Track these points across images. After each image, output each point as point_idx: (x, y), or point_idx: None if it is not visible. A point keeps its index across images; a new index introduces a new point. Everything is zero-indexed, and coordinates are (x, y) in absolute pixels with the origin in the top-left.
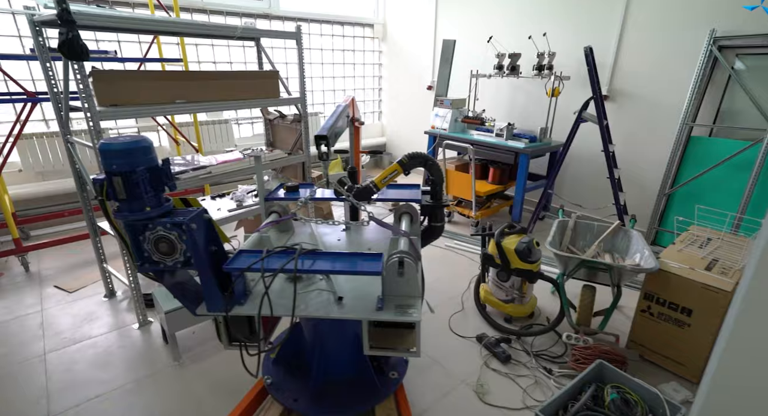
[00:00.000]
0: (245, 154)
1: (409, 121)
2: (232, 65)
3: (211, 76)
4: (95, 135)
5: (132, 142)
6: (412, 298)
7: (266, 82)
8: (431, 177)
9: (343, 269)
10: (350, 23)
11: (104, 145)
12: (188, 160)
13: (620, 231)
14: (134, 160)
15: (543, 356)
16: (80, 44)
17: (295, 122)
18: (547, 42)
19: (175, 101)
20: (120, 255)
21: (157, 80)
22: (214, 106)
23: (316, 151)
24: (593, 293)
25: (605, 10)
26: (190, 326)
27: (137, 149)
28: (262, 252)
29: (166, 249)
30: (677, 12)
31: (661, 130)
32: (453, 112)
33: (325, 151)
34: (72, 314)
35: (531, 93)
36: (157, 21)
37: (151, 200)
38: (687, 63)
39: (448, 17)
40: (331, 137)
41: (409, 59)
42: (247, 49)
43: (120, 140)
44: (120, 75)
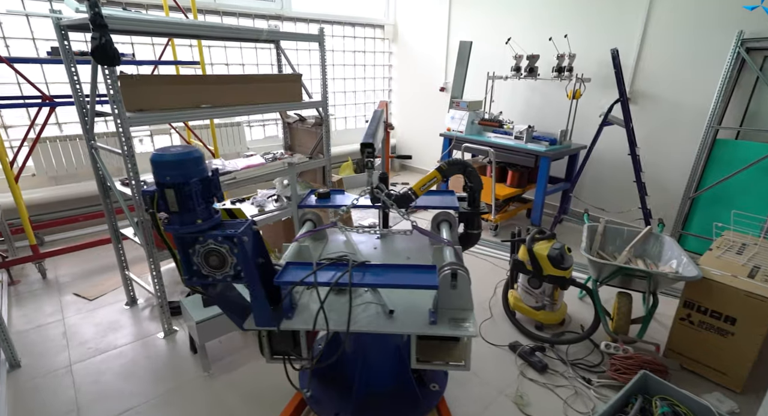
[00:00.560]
0: (267, 158)
1: (420, 122)
2: (244, 67)
3: (235, 80)
4: (125, 141)
5: (185, 153)
6: (465, 311)
7: (289, 86)
8: (469, 184)
9: (399, 283)
10: (361, 24)
11: (157, 156)
12: (212, 165)
13: (651, 237)
14: (187, 171)
15: (580, 365)
16: (113, 49)
17: (316, 126)
18: (568, 43)
19: (200, 106)
20: (140, 262)
21: (182, 84)
22: (238, 111)
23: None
24: (630, 300)
25: (626, 11)
26: (220, 336)
27: (190, 160)
28: (310, 264)
29: (216, 263)
30: (702, 13)
31: (684, 133)
32: (470, 114)
33: (370, 159)
34: (94, 323)
35: (548, 95)
36: (187, 25)
37: (202, 212)
38: (712, 65)
39: (462, 18)
40: (375, 144)
41: (420, 60)
42: (260, 50)
43: (172, 151)
44: (146, 79)
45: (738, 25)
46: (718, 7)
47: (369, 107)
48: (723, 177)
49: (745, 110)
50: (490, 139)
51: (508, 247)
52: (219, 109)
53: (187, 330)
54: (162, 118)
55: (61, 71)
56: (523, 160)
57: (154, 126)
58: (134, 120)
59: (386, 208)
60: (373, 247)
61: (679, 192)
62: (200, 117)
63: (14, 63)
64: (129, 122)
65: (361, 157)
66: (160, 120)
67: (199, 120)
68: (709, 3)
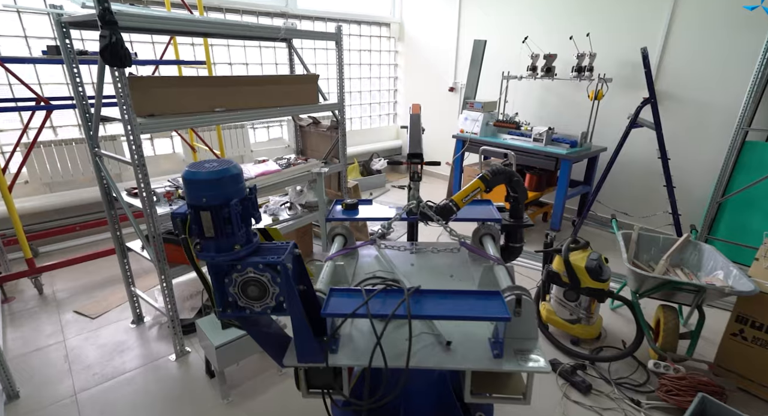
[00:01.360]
0: (281, 164)
1: (429, 123)
2: (248, 67)
3: (249, 81)
4: (135, 150)
5: (222, 170)
6: (530, 340)
7: (305, 87)
8: (513, 194)
9: (465, 314)
10: (366, 22)
11: (190, 174)
12: None
13: (689, 245)
14: (227, 190)
15: (625, 385)
16: (124, 48)
17: (331, 129)
18: (590, 42)
19: (214, 110)
20: (144, 274)
21: (196, 86)
22: (255, 114)
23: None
24: (677, 314)
25: (649, 9)
26: (240, 360)
27: (229, 178)
28: (356, 291)
29: (256, 294)
30: (729, 11)
31: (709, 134)
32: (484, 115)
33: (417, 170)
34: (99, 344)
35: (564, 95)
36: (204, 22)
37: (241, 237)
38: (740, 63)
39: (473, 16)
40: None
41: (428, 60)
42: (264, 49)
43: (207, 167)
44: (156, 81)
45: (766, 24)
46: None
47: (375, 108)
48: (753, 180)
49: None
50: (506, 141)
51: (532, 254)
52: (234, 113)
53: (203, 353)
54: (175, 124)
55: (55, 71)
56: (543, 163)
57: None
58: (146, 126)
59: (428, 222)
60: (409, 264)
61: (704, 195)
62: (215, 122)
63: (7, 63)
64: (140, 128)
65: (409, 169)
66: (173, 126)
67: (213, 125)
68: (734, 2)
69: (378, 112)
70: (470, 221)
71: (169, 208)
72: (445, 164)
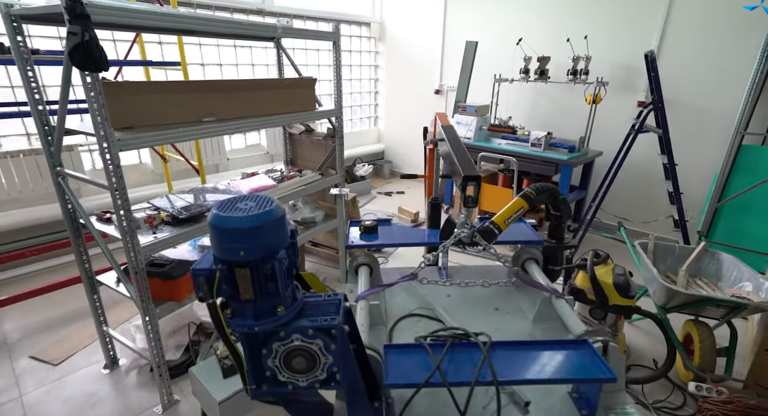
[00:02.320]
0: (274, 178)
1: (413, 127)
2: (222, 68)
3: (242, 86)
4: (113, 170)
5: (266, 214)
6: (618, 392)
7: (302, 93)
8: (555, 212)
9: (563, 376)
10: (346, 21)
11: (223, 220)
12: (215, 190)
13: (706, 254)
14: (271, 240)
15: (664, 409)
16: (99, 49)
17: (327, 138)
18: (587, 45)
19: (203, 119)
20: (115, 306)
21: (181, 93)
22: (249, 124)
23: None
24: (711, 331)
25: (643, 12)
26: (246, 413)
27: (274, 223)
28: (418, 347)
29: (303, 366)
30: (723, 15)
31: (704, 138)
32: (478, 119)
33: (471, 195)
34: (64, 398)
35: (556, 98)
36: (194, 19)
37: (287, 298)
38: (734, 68)
39: (459, 17)
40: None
41: (412, 61)
42: (239, 49)
43: (243, 209)
44: (136, 88)
45: (761, 27)
46: (738, 9)
47: (356, 111)
48: (749, 183)
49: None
50: (500, 146)
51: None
52: (226, 123)
53: (194, 401)
54: (158, 138)
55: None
56: (542, 168)
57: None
58: (125, 142)
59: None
60: (445, 295)
61: (700, 199)
62: (204, 134)
63: None
64: (119, 145)
65: (462, 194)
66: (157, 140)
67: (203, 138)
68: (730, 5)
69: (359, 114)
70: (509, 244)
71: (152, 237)
72: None
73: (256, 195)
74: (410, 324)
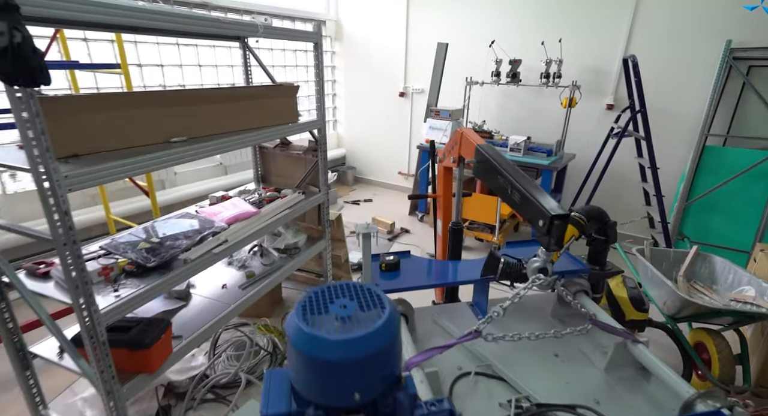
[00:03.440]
0: (250, 201)
1: (377, 130)
2: (163, 69)
3: (215, 98)
4: (60, 220)
5: (386, 326)
6: None
7: (284, 103)
8: (598, 236)
9: None
10: (300, 18)
11: (322, 347)
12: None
13: (698, 257)
14: (395, 361)
15: None
16: (37, 55)
17: (309, 151)
18: (560, 48)
19: (171, 140)
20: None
21: (141, 107)
22: (228, 144)
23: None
24: (726, 340)
25: (610, 15)
26: None
27: (395, 334)
28: None
29: None
30: (685, 22)
31: (670, 140)
32: (452, 124)
33: (558, 236)
34: None
35: (525, 102)
36: (152, 12)
37: None
38: (696, 73)
39: (423, 16)
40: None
41: (373, 62)
42: (182, 47)
43: (339, 314)
44: (81, 103)
45: (721, 34)
46: (700, 16)
47: (313, 114)
48: (712, 183)
49: (732, 117)
50: None
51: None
52: (201, 145)
53: None
54: (119, 171)
55: None
56: None
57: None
58: (76, 180)
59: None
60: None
61: (668, 200)
62: (176, 158)
63: None
64: (66, 185)
65: (547, 237)
66: (118, 173)
67: (172, 164)
68: (693, 12)
69: None
70: (561, 274)
71: (113, 296)
72: (397, 173)
73: (345, 284)
74: (469, 386)
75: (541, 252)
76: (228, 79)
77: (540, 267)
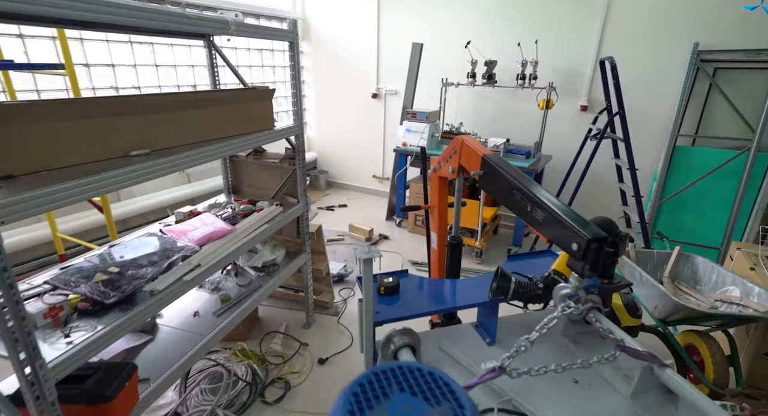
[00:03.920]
0: (222, 216)
1: (349, 133)
2: (114, 68)
3: (179, 103)
4: (8, 293)
5: None
6: None
7: (259, 108)
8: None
9: None
10: (266, 16)
11: None
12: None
13: (681, 258)
14: None
15: None
16: None
17: (285, 160)
18: (536, 50)
19: (131, 154)
20: None
21: (93, 117)
22: (198, 155)
23: None
24: (718, 343)
25: (581, 15)
26: None
27: None
28: None
29: None
30: (657, 25)
31: (640, 140)
32: (430, 126)
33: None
34: None
35: (500, 103)
36: (102, 5)
37: None
38: (668, 74)
39: (395, 16)
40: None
41: (344, 63)
42: (153, 46)
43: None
44: (20, 111)
45: (688, 37)
46: (670, 19)
47: (281, 116)
48: (682, 182)
49: (700, 118)
50: None
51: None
52: (167, 159)
53: None
54: (65, 195)
55: None
56: None
57: None
58: (11, 210)
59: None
60: None
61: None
62: (138, 176)
63: None
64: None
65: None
66: (64, 198)
67: (137, 183)
68: (661, 15)
69: (286, 121)
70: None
71: (63, 342)
72: (371, 177)
73: (400, 368)
74: None
75: (573, 278)
76: (188, 80)
77: (570, 294)
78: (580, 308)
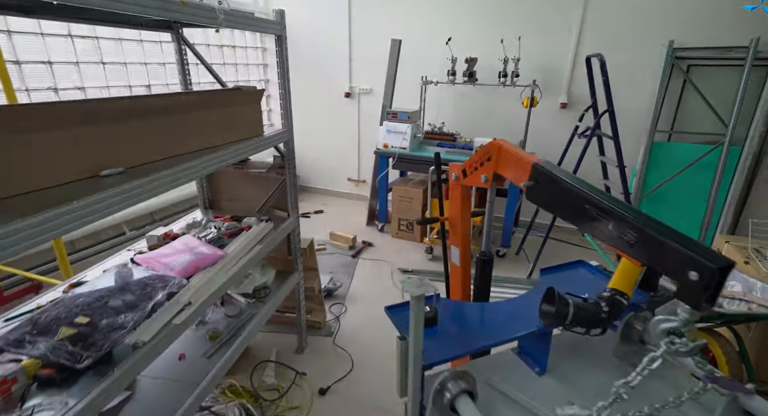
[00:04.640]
0: (206, 237)
1: (321, 135)
2: (52, 66)
3: (154, 109)
4: None
5: None
6: None
7: (247, 112)
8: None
9: None
10: None
11: None
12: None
13: None
14: None
15: None
16: None
17: (274, 170)
18: (519, 47)
19: (101, 174)
20: None
21: (56, 129)
22: (184, 172)
23: None
24: (728, 340)
25: (558, 12)
26: None
27: None
28: None
29: None
30: (635, 22)
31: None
32: (411, 126)
33: (718, 292)
34: None
35: (480, 102)
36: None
37: None
38: (645, 71)
39: (368, 12)
40: None
41: (312, 60)
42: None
43: None
44: None
45: (664, 35)
46: (647, 16)
47: None
48: (660, 177)
49: (675, 113)
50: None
51: (511, 286)
52: (145, 178)
53: None
54: (13, 240)
55: None
56: None
57: None
58: None
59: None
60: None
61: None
62: (112, 202)
63: None
64: None
65: (702, 294)
66: (10, 245)
67: (111, 213)
68: (638, 13)
69: None
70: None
71: None
72: (347, 180)
73: None
74: None
75: (682, 310)
76: (142, 80)
77: (676, 328)
78: (689, 345)
